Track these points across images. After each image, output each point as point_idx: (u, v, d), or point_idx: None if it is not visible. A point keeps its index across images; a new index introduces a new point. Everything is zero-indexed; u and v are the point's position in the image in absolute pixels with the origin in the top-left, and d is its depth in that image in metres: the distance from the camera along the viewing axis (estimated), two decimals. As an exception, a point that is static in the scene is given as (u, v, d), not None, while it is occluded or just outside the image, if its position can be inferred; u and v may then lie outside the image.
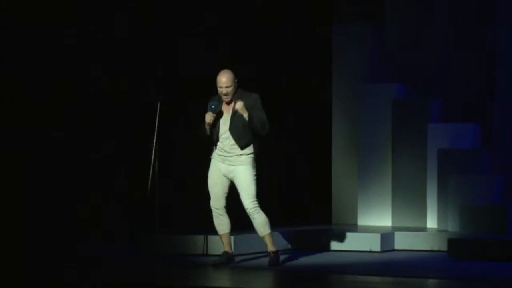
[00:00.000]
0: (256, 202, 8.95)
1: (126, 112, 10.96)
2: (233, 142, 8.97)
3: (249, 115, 8.85)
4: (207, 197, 9.14)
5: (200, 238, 9.86)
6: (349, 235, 10.36)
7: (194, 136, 9.38)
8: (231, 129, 8.95)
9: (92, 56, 10.80)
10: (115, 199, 10.70)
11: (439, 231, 10.80)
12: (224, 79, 8.83)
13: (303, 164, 12.21)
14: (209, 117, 8.94)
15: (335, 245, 10.30)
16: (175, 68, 11.34)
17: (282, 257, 9.17)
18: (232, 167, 8.98)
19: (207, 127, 9.01)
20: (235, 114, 8.93)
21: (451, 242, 9.68)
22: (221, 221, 9.07)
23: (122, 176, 10.79)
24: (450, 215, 10.87)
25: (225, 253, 9.12)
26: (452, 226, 10.76)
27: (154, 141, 9.49)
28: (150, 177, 9.51)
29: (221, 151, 9.02)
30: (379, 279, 8.41)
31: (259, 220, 8.94)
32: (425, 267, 9.15)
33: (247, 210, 8.97)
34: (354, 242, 10.30)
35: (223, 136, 9.00)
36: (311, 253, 10.02)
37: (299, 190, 12.15)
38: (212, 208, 9.10)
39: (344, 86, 11.90)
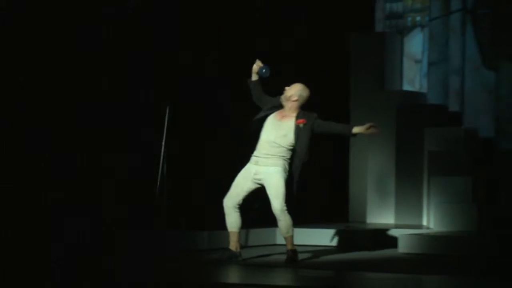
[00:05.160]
0: (285, 204, 8.91)
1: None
2: (274, 149, 8.92)
3: (327, 126, 8.97)
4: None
5: (203, 233, 10.10)
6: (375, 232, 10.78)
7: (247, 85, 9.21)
8: (297, 143, 8.93)
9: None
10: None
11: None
12: (292, 86, 8.98)
13: (324, 165, 11.92)
14: (255, 67, 9.04)
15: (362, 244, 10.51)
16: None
17: (300, 256, 9.12)
18: (264, 168, 8.95)
19: (253, 78, 9.05)
20: (300, 130, 8.93)
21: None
22: (229, 219, 9.02)
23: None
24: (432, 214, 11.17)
25: (228, 249, 9.05)
26: (434, 224, 11.01)
27: (163, 143, 9.74)
28: (159, 178, 9.68)
29: (259, 153, 9.00)
30: (392, 275, 8.35)
31: (285, 222, 8.93)
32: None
33: (275, 211, 8.93)
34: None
35: (266, 140, 8.98)
36: (339, 250, 10.18)
37: (320, 191, 11.98)
38: (224, 205, 9.04)
39: (360, 93, 12.16)
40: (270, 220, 9.13)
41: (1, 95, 10.07)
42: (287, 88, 9.03)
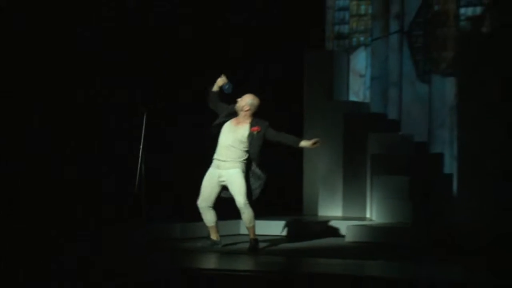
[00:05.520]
0: (247, 199, 8.91)
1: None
2: (231, 152, 8.89)
3: (278, 136, 8.93)
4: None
5: (176, 225, 10.02)
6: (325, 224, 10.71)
7: (207, 97, 9.11)
8: (250, 148, 8.91)
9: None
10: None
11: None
12: (243, 97, 8.94)
13: (281, 166, 11.59)
14: (219, 81, 8.99)
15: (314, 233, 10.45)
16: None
17: (261, 244, 9.12)
18: (225, 171, 8.90)
19: (214, 89, 8.99)
20: (253, 136, 8.91)
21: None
22: (206, 217, 9.02)
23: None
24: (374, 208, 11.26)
25: (209, 239, 9.07)
26: (376, 217, 11.11)
27: (141, 146, 9.61)
28: (137, 177, 9.58)
29: (219, 156, 8.95)
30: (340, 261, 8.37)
31: (248, 215, 8.93)
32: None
33: (239, 206, 8.92)
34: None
35: (224, 144, 8.93)
36: (295, 239, 10.03)
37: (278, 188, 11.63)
38: (198, 206, 9.01)
39: (313, 102, 12.05)
40: (234, 213, 9.15)
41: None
42: (238, 100, 8.98)
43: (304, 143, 9.02)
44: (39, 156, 10.44)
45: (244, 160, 8.97)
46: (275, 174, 11.41)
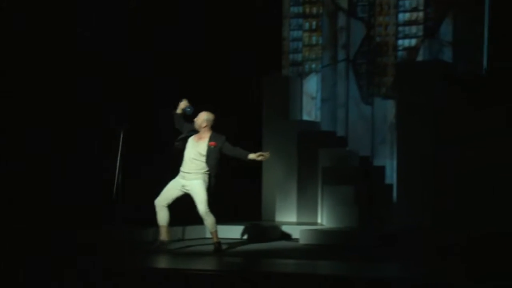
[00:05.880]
0: (208, 207, 8.81)
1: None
2: (194, 164, 8.81)
3: (232, 150, 8.81)
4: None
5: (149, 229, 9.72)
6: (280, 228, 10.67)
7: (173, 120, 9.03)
8: (208, 160, 8.83)
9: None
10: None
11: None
12: (198, 115, 8.90)
13: (242, 179, 11.75)
14: (182, 104, 8.96)
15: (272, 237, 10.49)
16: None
17: (223, 246, 9.03)
18: (189, 182, 8.82)
19: (178, 111, 8.94)
20: (211, 150, 8.84)
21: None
22: (160, 215, 8.89)
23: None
24: (325, 213, 11.26)
25: (159, 240, 8.91)
26: (326, 222, 11.10)
27: (118, 159, 9.47)
28: (115, 185, 9.47)
29: (184, 168, 8.87)
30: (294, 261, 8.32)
31: (210, 221, 8.84)
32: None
33: (201, 213, 8.80)
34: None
35: (188, 158, 8.87)
36: (254, 242, 9.94)
37: (240, 196, 11.71)
38: (155, 203, 8.87)
39: (271, 121, 12.11)
40: (200, 220, 9.01)
41: None
42: (195, 120, 8.94)
43: (251, 156, 8.91)
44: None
45: (206, 171, 8.88)
46: (237, 185, 11.76)
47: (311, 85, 12.51)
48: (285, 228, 10.88)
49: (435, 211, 10.27)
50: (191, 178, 8.88)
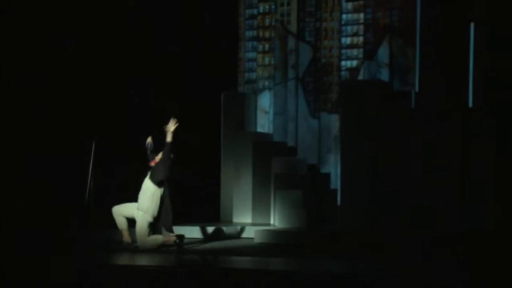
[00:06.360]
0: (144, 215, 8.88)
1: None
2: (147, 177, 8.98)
3: (164, 151, 8.90)
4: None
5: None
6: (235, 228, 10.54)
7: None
8: (155, 177, 8.96)
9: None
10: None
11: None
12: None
13: (203, 182, 11.91)
14: (148, 140, 9.10)
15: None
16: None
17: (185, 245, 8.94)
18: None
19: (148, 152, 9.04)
20: (153, 169, 8.98)
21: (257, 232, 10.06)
22: (118, 221, 8.98)
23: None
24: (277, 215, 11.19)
25: (123, 241, 8.98)
26: (278, 223, 11.02)
27: (90, 168, 9.53)
28: (87, 191, 9.53)
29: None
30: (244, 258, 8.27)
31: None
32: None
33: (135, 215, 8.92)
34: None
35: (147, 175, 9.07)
36: (213, 241, 9.86)
37: (200, 200, 11.77)
38: (112, 210, 8.95)
39: (228, 133, 12.03)
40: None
41: None
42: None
43: (168, 137, 8.91)
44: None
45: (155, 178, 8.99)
46: (198, 189, 11.76)
47: (265, 101, 12.49)
48: (241, 228, 10.79)
49: (373, 214, 10.30)
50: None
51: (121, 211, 9.01)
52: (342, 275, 6.80)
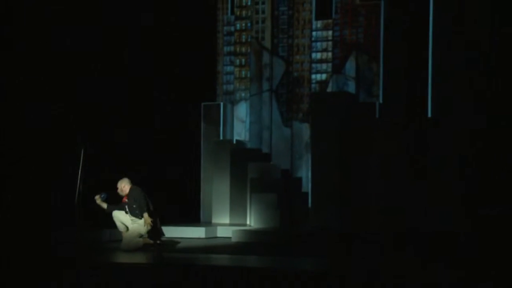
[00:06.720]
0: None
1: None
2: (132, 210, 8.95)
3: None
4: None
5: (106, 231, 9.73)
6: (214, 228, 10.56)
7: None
8: (131, 210, 8.95)
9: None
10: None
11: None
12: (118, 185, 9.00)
13: (186, 186, 12.04)
14: (97, 199, 8.95)
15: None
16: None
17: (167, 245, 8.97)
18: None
19: (103, 206, 8.92)
20: (128, 204, 8.92)
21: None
22: (118, 227, 9.06)
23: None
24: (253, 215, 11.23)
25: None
26: (254, 223, 11.08)
27: (79, 172, 8.87)
28: (77, 193, 8.94)
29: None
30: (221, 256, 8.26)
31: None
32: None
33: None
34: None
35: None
36: (194, 241, 9.79)
37: (182, 203, 11.84)
38: (113, 214, 8.97)
39: (207, 141, 12.08)
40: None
41: None
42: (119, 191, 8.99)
43: (103, 205, 8.89)
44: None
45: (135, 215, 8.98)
46: (180, 192, 11.77)
47: (241, 111, 12.47)
48: (219, 228, 10.81)
49: (342, 214, 10.36)
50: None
51: (120, 218, 8.96)
52: (314, 272, 6.82)
